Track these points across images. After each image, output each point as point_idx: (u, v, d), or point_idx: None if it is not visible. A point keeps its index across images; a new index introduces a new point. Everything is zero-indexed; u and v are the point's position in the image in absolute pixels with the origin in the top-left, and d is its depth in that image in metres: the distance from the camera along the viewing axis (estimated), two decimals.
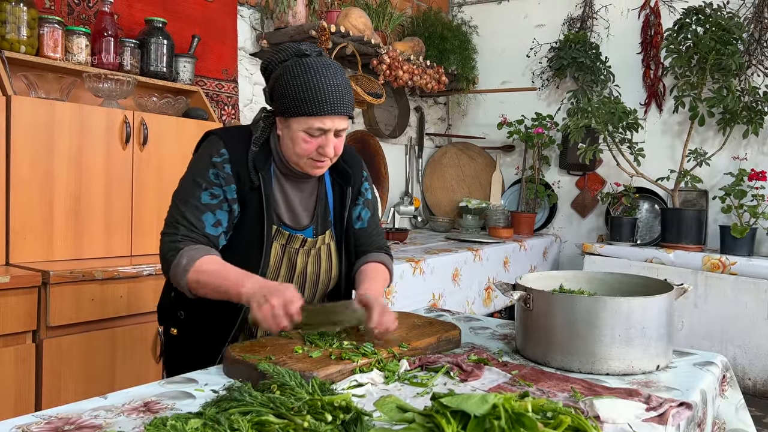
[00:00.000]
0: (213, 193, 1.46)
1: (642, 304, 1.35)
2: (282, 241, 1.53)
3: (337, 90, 1.41)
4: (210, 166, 1.47)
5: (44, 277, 2.01)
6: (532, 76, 4.82)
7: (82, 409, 1.07)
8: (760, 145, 4.03)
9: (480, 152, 5.02)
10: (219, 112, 3.23)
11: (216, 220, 1.47)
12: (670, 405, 1.12)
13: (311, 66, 1.42)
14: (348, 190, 1.61)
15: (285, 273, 1.55)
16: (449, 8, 5.17)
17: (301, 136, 1.43)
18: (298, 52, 1.44)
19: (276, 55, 1.47)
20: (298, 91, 1.40)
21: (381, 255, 1.68)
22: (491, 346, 1.55)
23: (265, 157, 1.51)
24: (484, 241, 3.96)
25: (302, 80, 1.40)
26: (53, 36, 2.41)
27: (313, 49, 1.46)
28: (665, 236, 3.99)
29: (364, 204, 1.69)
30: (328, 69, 1.43)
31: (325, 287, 1.64)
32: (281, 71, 1.44)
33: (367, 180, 1.70)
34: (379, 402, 0.95)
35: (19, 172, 2.16)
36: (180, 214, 1.46)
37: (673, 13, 4.22)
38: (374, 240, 1.70)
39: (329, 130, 1.43)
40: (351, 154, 1.65)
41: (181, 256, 1.40)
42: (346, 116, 1.45)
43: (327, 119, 1.41)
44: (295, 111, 1.41)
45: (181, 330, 1.60)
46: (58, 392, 2.06)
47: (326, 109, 1.40)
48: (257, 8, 3.46)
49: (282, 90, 1.43)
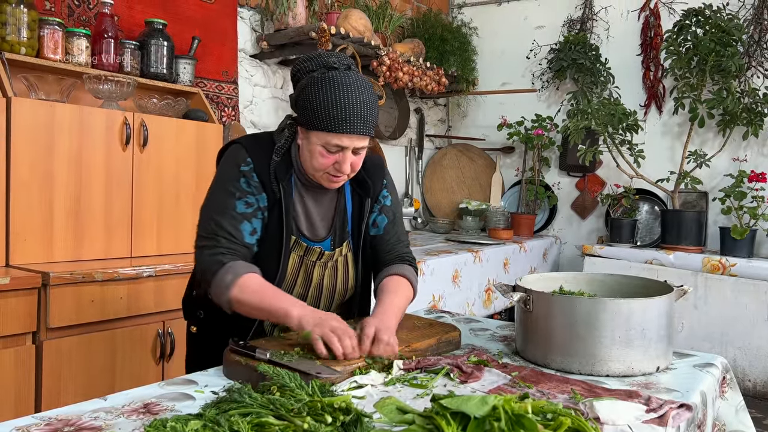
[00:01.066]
0: (248, 201, 1.46)
1: (642, 305, 1.35)
2: (300, 252, 1.52)
3: (359, 109, 1.38)
4: (240, 175, 1.46)
5: (44, 279, 2.01)
6: (532, 77, 4.83)
7: (82, 410, 1.07)
8: (759, 147, 4.03)
9: (480, 154, 5.02)
10: (219, 114, 3.24)
11: (252, 229, 1.46)
12: (670, 406, 1.12)
13: (337, 80, 1.39)
14: (367, 201, 1.59)
15: (301, 284, 1.54)
16: (449, 10, 5.17)
17: (319, 150, 1.41)
18: (327, 64, 1.42)
19: (305, 64, 1.45)
20: (320, 105, 1.37)
21: (403, 267, 1.60)
22: (491, 348, 1.55)
23: (287, 167, 1.49)
24: (484, 243, 3.95)
25: (325, 94, 1.38)
26: (53, 37, 2.41)
27: (342, 62, 1.43)
28: (665, 238, 3.99)
29: (380, 210, 1.64)
30: (354, 85, 1.39)
31: (341, 298, 1.63)
32: (307, 81, 1.41)
33: (386, 187, 1.65)
34: (379, 403, 0.95)
35: (20, 174, 2.16)
36: (217, 225, 1.43)
37: (673, 15, 4.22)
38: (394, 248, 1.64)
39: (347, 147, 1.41)
40: (373, 163, 1.61)
41: (225, 272, 1.38)
42: (366, 136, 1.42)
43: (345, 137, 1.39)
44: (314, 125, 1.39)
45: (200, 329, 1.61)
46: (58, 394, 2.06)
47: (345, 127, 1.38)
48: (257, 10, 3.47)
49: (305, 101, 1.40)
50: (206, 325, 1.60)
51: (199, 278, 1.46)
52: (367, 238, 1.64)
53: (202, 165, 2.72)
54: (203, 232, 1.46)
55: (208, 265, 1.41)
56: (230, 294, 1.37)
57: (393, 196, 1.67)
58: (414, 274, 1.62)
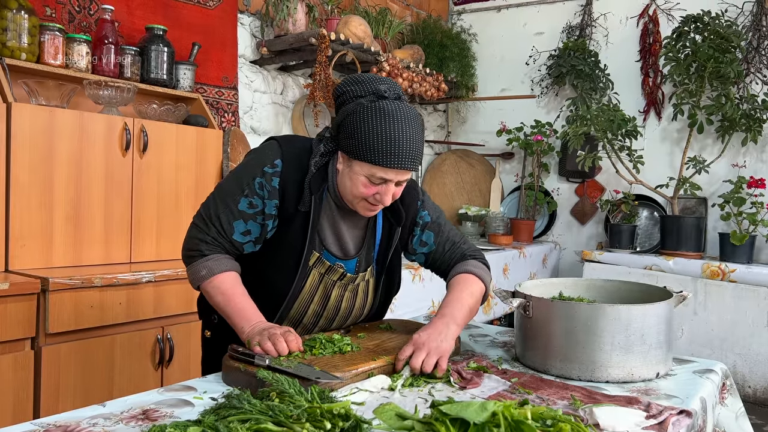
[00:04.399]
0: (252, 202, 1.44)
1: (641, 311, 1.35)
2: (321, 269, 1.50)
3: (409, 143, 1.34)
4: (259, 175, 1.44)
5: (43, 284, 2.01)
6: (531, 83, 4.84)
7: (81, 416, 1.06)
8: (758, 153, 4.03)
9: (479, 159, 5.03)
10: (219, 120, 3.24)
11: (246, 229, 1.46)
12: (670, 413, 1.12)
13: (387, 112, 1.34)
14: (396, 231, 1.55)
15: (318, 301, 1.53)
16: (448, 16, 5.19)
17: (362, 180, 1.37)
18: (377, 92, 1.37)
19: (352, 87, 1.39)
20: (369, 136, 1.33)
21: (469, 263, 1.57)
22: (491, 354, 1.55)
23: (321, 180, 1.45)
24: (483, 248, 3.95)
25: (375, 126, 1.33)
26: (54, 43, 2.42)
27: (392, 91, 1.38)
28: (665, 243, 3.99)
29: (423, 228, 1.60)
30: (404, 118, 1.35)
31: (355, 320, 1.64)
32: (354, 107, 1.36)
33: (423, 206, 1.61)
34: (378, 410, 0.95)
35: (19, 179, 2.16)
36: (215, 213, 1.45)
37: (672, 22, 4.24)
38: (453, 252, 1.61)
39: (391, 180, 1.38)
40: (407, 188, 1.56)
41: (201, 264, 1.43)
42: (412, 170, 1.39)
43: (392, 172, 1.35)
44: (360, 155, 1.34)
45: (214, 333, 1.61)
46: (57, 400, 2.05)
47: (394, 162, 1.33)
48: (257, 16, 3.48)
49: (351, 129, 1.35)
50: (221, 330, 1.58)
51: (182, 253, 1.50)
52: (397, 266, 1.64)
53: (202, 171, 2.73)
54: (203, 210, 1.48)
55: (189, 246, 1.46)
56: (201, 286, 1.44)
57: (431, 210, 1.62)
58: (480, 265, 1.58)
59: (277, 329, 1.32)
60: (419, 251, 1.62)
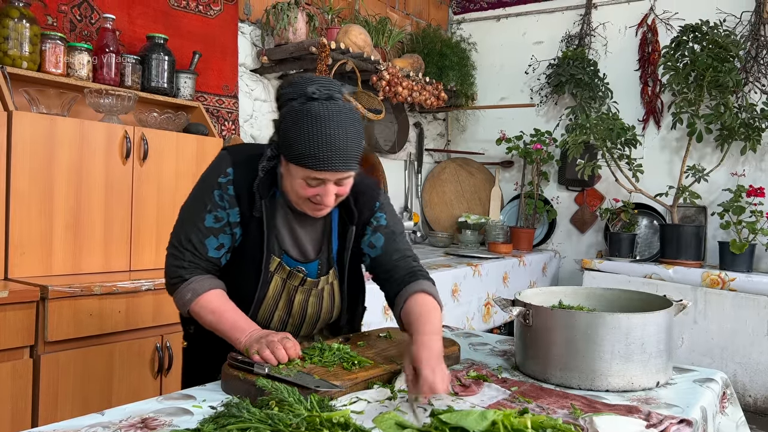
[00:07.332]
0: (217, 216, 1.45)
1: (641, 320, 1.35)
2: (282, 275, 1.50)
3: (339, 145, 1.30)
4: (216, 187, 1.45)
5: (43, 292, 2.01)
6: (530, 92, 4.85)
7: (79, 425, 1.06)
8: (757, 162, 4.04)
9: (479, 168, 5.04)
10: (219, 128, 3.25)
11: (219, 244, 1.46)
12: (671, 422, 1.12)
13: (316, 114, 1.30)
14: (351, 229, 1.53)
15: (283, 308, 1.53)
16: (448, 25, 5.21)
17: (299, 183, 1.36)
18: (305, 94, 1.32)
19: (286, 90, 1.37)
20: (298, 140, 1.30)
21: (420, 282, 1.50)
22: (490, 363, 1.54)
23: (271, 184, 1.45)
24: (483, 257, 3.95)
25: (304, 129, 1.30)
26: (55, 52, 2.43)
27: (323, 91, 1.33)
28: (664, 252, 3.99)
29: (374, 230, 1.56)
30: (335, 119, 1.31)
31: (325, 323, 1.62)
32: (287, 111, 1.34)
33: (380, 209, 1.57)
34: (377, 419, 0.95)
35: (19, 187, 2.16)
36: (185, 237, 1.46)
37: (670, 31, 4.26)
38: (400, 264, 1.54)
39: (329, 180, 1.35)
40: (366, 187, 1.54)
41: (185, 289, 1.43)
42: (347, 171, 1.35)
43: (326, 173, 1.32)
44: (294, 159, 1.33)
45: (191, 344, 1.61)
46: (55, 408, 2.05)
47: (324, 165, 1.30)
48: (258, 25, 3.49)
49: (284, 133, 1.34)
50: (197, 341, 1.58)
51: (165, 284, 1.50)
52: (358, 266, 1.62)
53: None
54: (174, 238, 1.49)
55: (170, 276, 1.47)
56: (190, 310, 1.43)
57: (389, 215, 1.59)
58: (433, 287, 1.52)
59: (275, 336, 1.32)
60: (366, 252, 1.57)
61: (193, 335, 1.59)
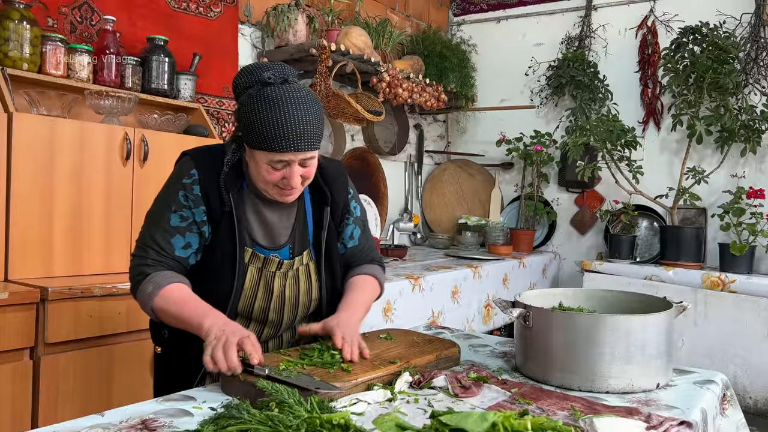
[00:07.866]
0: (182, 215, 1.46)
1: (642, 322, 1.35)
2: (258, 264, 1.51)
3: (299, 125, 1.34)
4: (180, 188, 1.46)
5: (43, 294, 2.01)
6: (530, 94, 4.86)
7: (79, 426, 1.06)
8: (757, 163, 4.04)
9: (479, 169, 5.04)
10: (219, 129, 3.25)
11: (185, 243, 1.46)
12: (671, 424, 1.12)
13: (273, 98, 1.35)
14: (326, 211, 1.57)
15: (262, 296, 1.52)
16: (448, 27, 5.22)
17: (264, 168, 1.39)
18: (261, 80, 1.37)
19: (241, 79, 1.42)
20: (258, 125, 1.34)
21: (372, 266, 1.68)
22: (491, 364, 1.54)
23: (236, 177, 1.48)
24: (483, 258, 3.95)
25: (262, 114, 1.34)
26: (55, 54, 2.43)
27: (278, 76, 1.38)
28: (664, 254, 3.99)
29: (354, 222, 1.66)
30: (292, 101, 1.35)
31: (305, 310, 1.60)
32: (244, 99, 1.39)
33: (354, 198, 1.66)
34: (377, 420, 0.95)
35: (20, 188, 2.16)
36: (150, 237, 1.46)
37: (670, 33, 4.26)
38: (367, 254, 1.70)
39: (293, 161, 1.38)
40: (334, 172, 1.60)
41: (147, 283, 1.41)
42: (310, 150, 1.39)
43: (288, 154, 1.36)
44: (256, 144, 1.36)
45: (165, 349, 1.59)
46: (55, 410, 2.05)
47: (285, 146, 1.34)
48: (258, 26, 3.50)
49: (244, 120, 1.38)
50: (171, 346, 1.56)
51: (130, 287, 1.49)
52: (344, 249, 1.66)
53: None
54: (139, 241, 1.49)
55: (133, 275, 1.46)
56: (152, 304, 1.41)
57: (360, 205, 1.69)
58: (382, 272, 1.70)
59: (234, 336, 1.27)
60: (347, 243, 1.67)
61: (168, 340, 1.56)
